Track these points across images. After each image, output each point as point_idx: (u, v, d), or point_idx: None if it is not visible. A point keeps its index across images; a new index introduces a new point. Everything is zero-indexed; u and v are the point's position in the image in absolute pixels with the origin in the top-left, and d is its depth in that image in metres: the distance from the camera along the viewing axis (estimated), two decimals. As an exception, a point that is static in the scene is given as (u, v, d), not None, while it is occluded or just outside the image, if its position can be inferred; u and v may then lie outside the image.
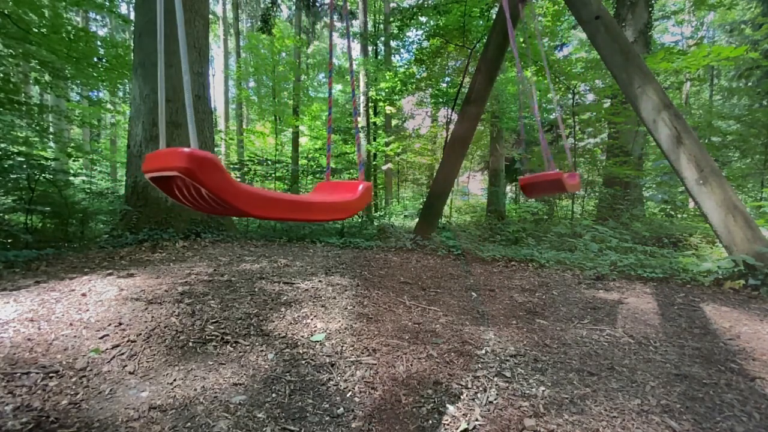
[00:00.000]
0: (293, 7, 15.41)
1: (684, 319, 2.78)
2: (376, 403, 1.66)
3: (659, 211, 8.92)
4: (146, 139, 5.22)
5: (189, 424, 1.49)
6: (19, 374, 1.71)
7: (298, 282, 3.33)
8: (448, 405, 1.65)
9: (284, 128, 14.95)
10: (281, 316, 2.57)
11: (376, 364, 1.98)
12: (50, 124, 7.45)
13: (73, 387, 1.68)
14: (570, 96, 8.99)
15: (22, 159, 4.52)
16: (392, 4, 14.02)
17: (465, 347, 2.22)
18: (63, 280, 3.04)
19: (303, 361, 2.00)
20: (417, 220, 7.20)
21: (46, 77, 6.99)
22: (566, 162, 9.08)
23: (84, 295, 2.67)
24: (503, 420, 1.55)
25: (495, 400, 1.69)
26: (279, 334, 2.31)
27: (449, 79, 11.76)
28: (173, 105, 5.30)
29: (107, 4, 7.63)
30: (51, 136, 6.68)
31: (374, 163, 12.69)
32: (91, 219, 5.38)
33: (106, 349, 1.99)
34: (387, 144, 12.73)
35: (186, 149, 0.88)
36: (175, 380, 1.78)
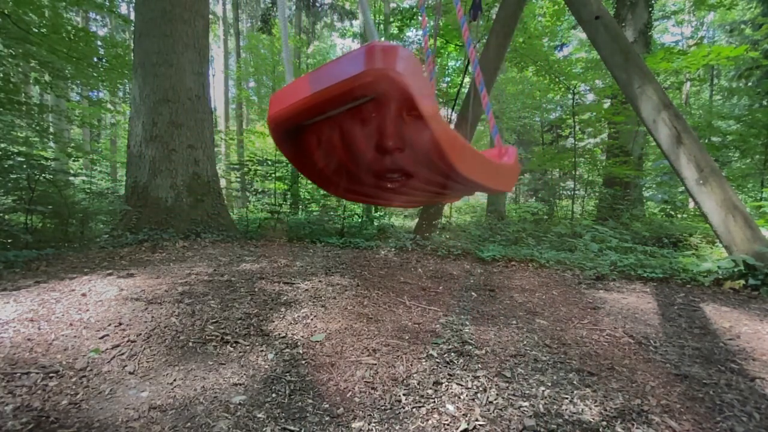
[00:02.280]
0: (293, 7, 15.40)
1: (684, 319, 2.78)
2: (376, 403, 1.66)
3: (659, 211, 8.92)
4: (146, 139, 5.22)
5: (189, 424, 1.49)
6: (19, 374, 1.71)
7: (298, 282, 3.33)
8: (448, 405, 1.65)
9: (284, 128, 14.94)
10: (281, 316, 2.57)
11: (376, 364, 1.98)
12: (50, 124, 7.46)
13: (73, 387, 1.68)
14: (570, 96, 8.99)
15: (22, 159, 4.52)
16: (392, 5, 14.03)
17: (465, 347, 2.22)
18: (63, 280, 3.04)
19: (303, 361, 2.00)
20: (417, 220, 7.20)
21: (46, 77, 7.00)
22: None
23: (84, 295, 2.67)
24: (503, 420, 1.55)
25: (495, 400, 1.69)
26: (279, 334, 2.31)
27: (449, 79, 11.76)
28: (173, 105, 5.31)
29: (107, 4, 7.64)
30: (51, 136, 6.68)
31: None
32: (91, 219, 5.38)
33: (106, 349, 1.99)
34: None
35: (377, 43, 0.50)
36: (175, 380, 1.78)
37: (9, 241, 4.18)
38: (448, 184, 0.79)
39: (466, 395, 1.72)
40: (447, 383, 1.82)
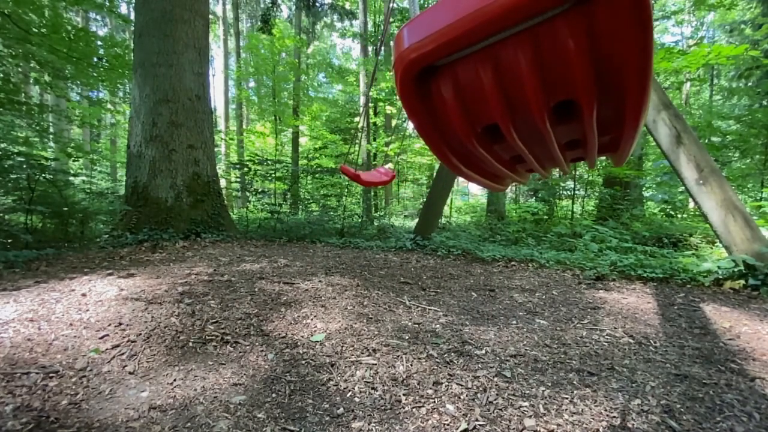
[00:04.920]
0: (293, 7, 15.40)
1: (684, 319, 2.78)
2: (376, 403, 1.66)
3: (659, 211, 8.92)
4: (146, 139, 5.23)
5: (189, 424, 1.49)
6: (19, 374, 1.71)
7: (298, 282, 3.33)
8: (448, 405, 1.65)
9: (284, 128, 14.96)
10: (281, 316, 2.57)
11: (376, 364, 1.98)
12: (50, 124, 7.46)
13: (73, 387, 1.68)
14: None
15: (22, 159, 4.52)
16: (392, 5, 14.01)
17: (465, 347, 2.22)
18: (63, 280, 3.04)
19: (303, 361, 2.00)
20: (417, 220, 7.20)
21: (46, 77, 7.00)
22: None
23: (84, 295, 2.67)
24: (503, 420, 1.55)
25: (495, 400, 1.69)
26: (279, 334, 2.31)
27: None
28: (173, 105, 5.31)
29: (107, 4, 7.64)
30: (51, 136, 6.68)
31: (374, 163, 12.70)
32: (91, 219, 5.38)
33: (106, 349, 1.99)
34: (387, 144, 12.73)
35: None
36: (175, 380, 1.78)
37: (9, 241, 4.18)
38: (590, 144, 0.61)
39: (466, 395, 1.72)
40: (447, 383, 1.82)
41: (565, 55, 0.43)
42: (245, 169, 7.33)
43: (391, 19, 11.80)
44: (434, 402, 1.67)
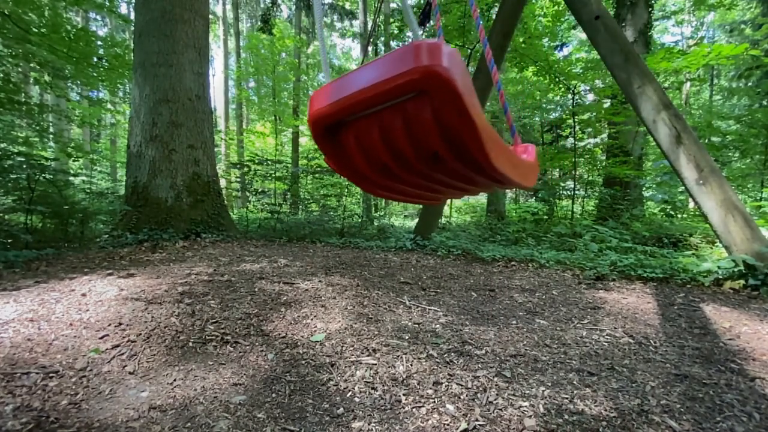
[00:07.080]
0: (293, 7, 15.41)
1: (684, 319, 2.78)
2: (376, 403, 1.66)
3: (659, 211, 8.91)
4: (146, 139, 5.23)
5: (189, 424, 1.49)
6: (19, 374, 1.71)
7: (298, 282, 3.33)
8: (448, 405, 1.65)
9: (284, 128, 14.97)
10: (281, 316, 2.57)
11: (376, 364, 1.98)
12: (50, 124, 7.46)
13: (73, 387, 1.68)
14: (570, 96, 8.98)
15: (22, 159, 4.52)
16: (392, 5, 14.02)
17: (465, 347, 2.22)
18: (63, 280, 3.04)
19: (303, 361, 2.00)
20: (417, 220, 7.19)
21: (46, 77, 7.00)
22: None
23: (84, 295, 2.67)
24: (503, 420, 1.55)
25: (495, 400, 1.69)
26: (279, 334, 2.31)
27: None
28: (173, 105, 5.31)
29: (107, 4, 7.64)
30: (51, 136, 6.68)
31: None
32: (91, 219, 5.38)
33: (106, 349, 1.99)
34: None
35: (423, 40, 0.53)
36: (175, 380, 1.78)
37: (9, 241, 4.18)
38: (478, 179, 0.79)
39: (466, 395, 1.72)
40: (447, 383, 1.82)
41: (423, 122, 0.60)
42: (245, 169, 7.33)
43: (391, 20, 11.80)
44: (434, 402, 1.67)
